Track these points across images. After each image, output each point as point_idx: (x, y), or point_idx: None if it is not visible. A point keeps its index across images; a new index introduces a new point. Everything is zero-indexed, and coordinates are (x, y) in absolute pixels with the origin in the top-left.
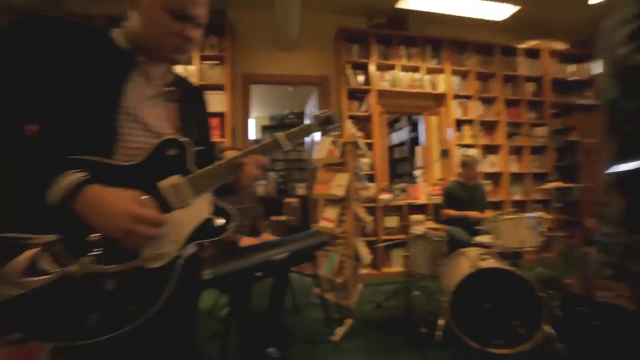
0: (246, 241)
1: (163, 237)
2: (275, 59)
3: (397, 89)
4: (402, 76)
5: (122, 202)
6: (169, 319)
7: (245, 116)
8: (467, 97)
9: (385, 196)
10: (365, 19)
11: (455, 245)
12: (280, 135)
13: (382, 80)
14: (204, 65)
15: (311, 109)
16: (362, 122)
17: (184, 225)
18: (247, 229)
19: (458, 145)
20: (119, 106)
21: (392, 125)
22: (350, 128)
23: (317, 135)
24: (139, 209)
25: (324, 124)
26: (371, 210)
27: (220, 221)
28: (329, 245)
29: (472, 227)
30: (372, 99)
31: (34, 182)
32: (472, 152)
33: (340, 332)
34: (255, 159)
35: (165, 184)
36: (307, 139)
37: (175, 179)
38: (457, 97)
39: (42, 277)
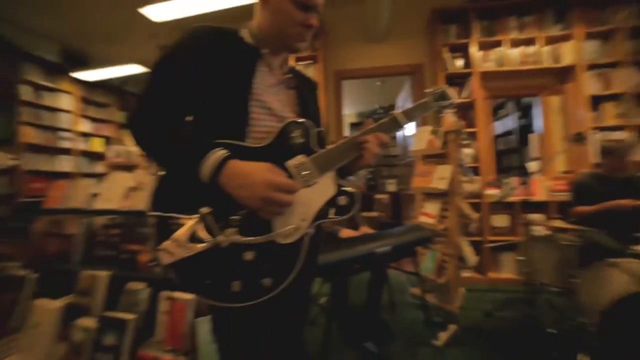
0: (346, 233)
1: (292, 214)
2: (366, 52)
3: (504, 68)
4: (510, 53)
5: (259, 172)
6: (293, 298)
7: (339, 113)
8: (611, 66)
9: (492, 191)
10: None
11: (596, 252)
12: (397, 113)
13: (486, 61)
14: (298, 66)
15: (402, 102)
16: (463, 110)
17: (311, 203)
18: (345, 221)
19: (594, 128)
20: (251, 94)
21: (494, 113)
22: (450, 117)
23: (411, 127)
24: (274, 177)
25: (440, 99)
26: (476, 207)
27: (345, 200)
28: (430, 243)
29: (622, 230)
30: (474, 83)
31: (191, 162)
32: (617, 135)
33: (443, 337)
34: (376, 137)
35: (291, 163)
36: (399, 133)
37: (300, 158)
38: (592, 67)
39: (201, 245)
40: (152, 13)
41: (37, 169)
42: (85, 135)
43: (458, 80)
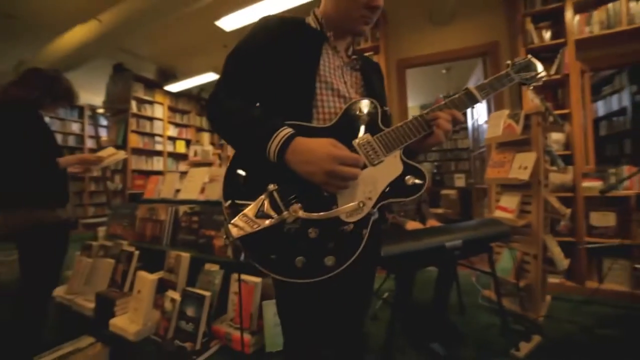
0: (412, 225)
1: (357, 192)
2: (430, 37)
3: (614, 30)
4: (626, 10)
5: (323, 147)
6: (354, 284)
7: (403, 104)
8: None
9: (591, 183)
10: None
11: None
12: (472, 87)
13: (587, 25)
14: None
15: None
16: (550, 89)
17: (376, 182)
18: (412, 213)
19: None
20: (317, 75)
21: (596, 91)
22: (533, 99)
23: (483, 114)
24: (337, 151)
25: (523, 71)
26: (568, 202)
27: (413, 180)
28: (508, 240)
29: None
30: (568, 54)
31: (259, 141)
32: None
33: (525, 348)
34: (449, 113)
35: (357, 142)
36: (469, 124)
37: (366, 137)
38: None
39: (268, 220)
40: (225, 24)
41: (139, 169)
42: (172, 138)
43: (544, 54)
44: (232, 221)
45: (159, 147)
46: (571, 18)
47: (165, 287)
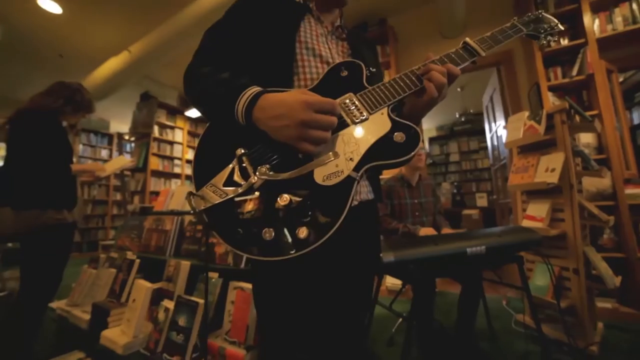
0: (426, 231)
1: (337, 154)
2: (442, 50)
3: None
4: None
5: (293, 96)
6: (346, 281)
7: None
8: None
9: (636, 190)
10: None
11: None
12: (469, 39)
13: (609, 23)
14: None
15: (488, 101)
16: (574, 92)
17: (359, 141)
18: (428, 224)
19: None
20: (296, 40)
21: (629, 97)
22: (553, 102)
23: (500, 127)
24: (310, 97)
25: (533, 23)
26: (608, 211)
27: (403, 136)
28: (540, 251)
29: None
30: (590, 54)
31: (228, 101)
32: None
33: None
34: (444, 67)
35: (338, 100)
36: (488, 141)
37: (348, 95)
38: None
39: (234, 188)
40: None
41: (157, 190)
42: (190, 162)
43: (564, 58)
44: (199, 191)
45: (177, 170)
46: (590, 19)
47: (163, 298)
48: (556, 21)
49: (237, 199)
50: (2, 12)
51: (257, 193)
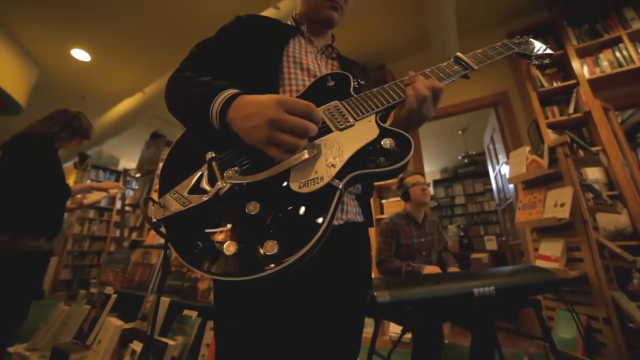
0: (430, 269)
1: (318, 160)
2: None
3: (629, 67)
4: (633, 50)
5: (267, 96)
6: (322, 304)
7: (420, 167)
8: None
9: None
10: (544, 9)
11: None
12: (460, 54)
13: (596, 66)
14: None
15: (489, 141)
16: (574, 130)
17: (343, 147)
18: (432, 264)
19: None
20: (284, 53)
21: (630, 137)
22: (554, 138)
23: (503, 165)
24: (285, 96)
25: (524, 44)
26: (632, 251)
27: (392, 142)
28: (560, 295)
29: None
30: (584, 92)
31: (204, 102)
32: None
33: None
34: (429, 81)
35: (322, 107)
36: (492, 182)
37: (333, 102)
38: None
39: (200, 196)
40: None
41: None
42: None
43: (559, 97)
44: (159, 199)
45: None
46: (577, 63)
47: (134, 339)
48: (546, 45)
49: (201, 207)
50: (41, 59)
51: (226, 201)
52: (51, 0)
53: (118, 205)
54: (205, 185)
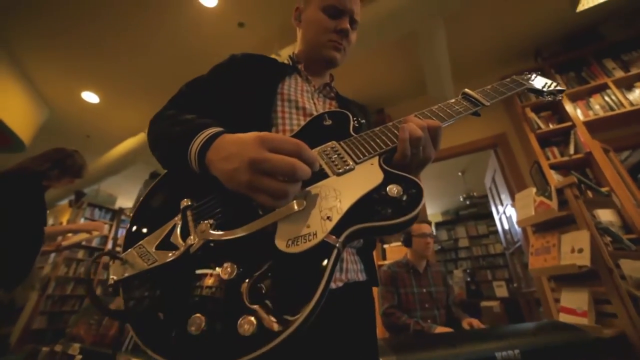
0: (443, 329)
1: (312, 211)
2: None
3: (621, 110)
4: (621, 95)
5: (249, 134)
6: None
7: (422, 212)
8: None
9: None
10: (530, 59)
11: None
12: (468, 90)
13: (589, 109)
14: None
15: (490, 182)
16: (577, 169)
17: (342, 195)
18: (441, 319)
19: None
20: (278, 91)
21: (634, 175)
22: (558, 180)
23: (507, 207)
24: (268, 134)
25: (532, 81)
26: None
27: (399, 189)
28: (594, 357)
29: None
30: (581, 134)
31: (183, 142)
32: None
33: None
34: (423, 120)
35: (318, 149)
36: (497, 224)
37: (330, 143)
38: None
39: (168, 252)
40: None
41: None
42: None
43: (557, 139)
44: (122, 254)
45: None
46: (571, 106)
47: None
48: (556, 82)
49: (167, 268)
50: (52, 100)
51: (196, 261)
52: (67, 44)
53: (110, 245)
54: (176, 239)
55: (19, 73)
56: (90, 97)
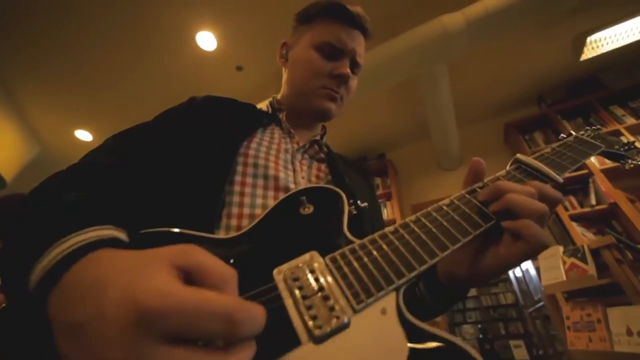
0: None
1: None
2: (442, 182)
3: None
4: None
5: (126, 276)
6: None
7: None
8: None
9: None
10: (533, 104)
11: None
12: (521, 156)
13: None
14: None
15: None
16: (601, 222)
17: None
18: None
19: None
20: (240, 150)
21: None
22: (583, 232)
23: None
24: (165, 284)
25: (600, 139)
26: None
27: None
28: None
29: None
30: (602, 183)
31: (24, 259)
32: None
33: None
34: (533, 186)
35: (285, 267)
36: (513, 280)
37: (307, 257)
38: None
39: None
40: None
41: None
42: None
43: (574, 187)
44: None
45: None
46: None
47: None
48: (627, 140)
49: None
50: (44, 138)
51: None
52: (64, 83)
53: None
54: None
55: (12, 109)
56: (83, 135)
